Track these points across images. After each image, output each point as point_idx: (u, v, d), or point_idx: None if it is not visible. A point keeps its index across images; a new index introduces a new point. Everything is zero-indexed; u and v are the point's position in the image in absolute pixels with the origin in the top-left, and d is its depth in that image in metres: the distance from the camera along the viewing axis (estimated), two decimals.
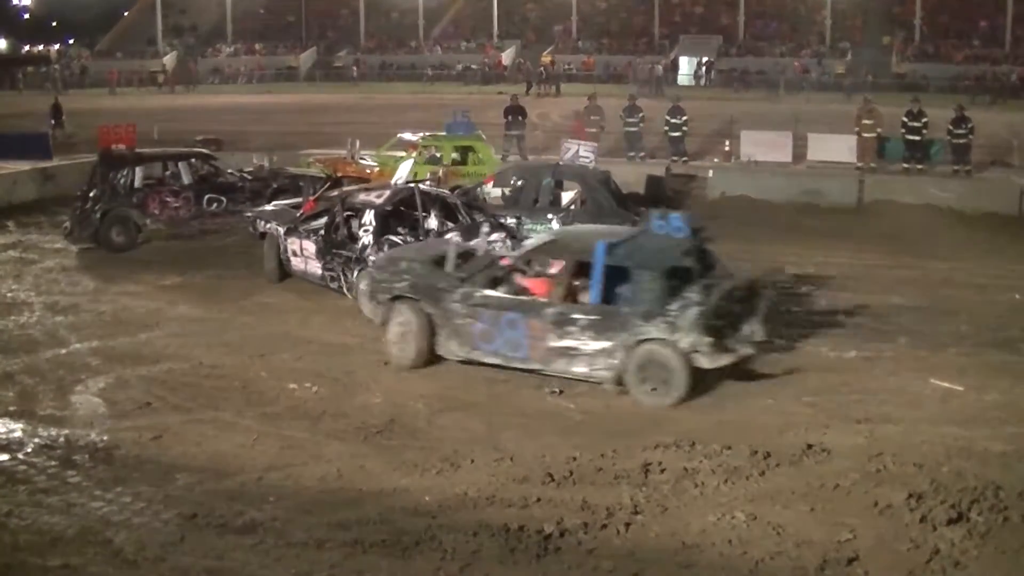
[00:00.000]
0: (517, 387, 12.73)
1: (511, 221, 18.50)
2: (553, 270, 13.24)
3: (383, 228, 16.12)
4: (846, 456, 10.34)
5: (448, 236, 14.86)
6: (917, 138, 27.18)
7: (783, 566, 8.42)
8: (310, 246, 16.65)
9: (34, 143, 29.88)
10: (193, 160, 21.94)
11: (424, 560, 8.53)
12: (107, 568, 8.51)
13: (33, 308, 16.43)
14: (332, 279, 16.30)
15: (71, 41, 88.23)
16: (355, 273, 15.67)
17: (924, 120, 27.14)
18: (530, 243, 14.45)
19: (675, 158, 28.65)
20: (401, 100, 51.73)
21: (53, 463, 10.57)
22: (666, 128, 29.22)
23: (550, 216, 18.87)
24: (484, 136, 26.12)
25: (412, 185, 17.01)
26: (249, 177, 22.13)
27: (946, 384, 12.56)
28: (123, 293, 17.23)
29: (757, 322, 12.48)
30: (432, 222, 16.73)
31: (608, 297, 12.36)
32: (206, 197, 21.06)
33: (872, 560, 8.47)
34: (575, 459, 10.43)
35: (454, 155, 24.58)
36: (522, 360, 12.66)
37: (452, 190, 19.65)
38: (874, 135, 27.88)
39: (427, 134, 25.74)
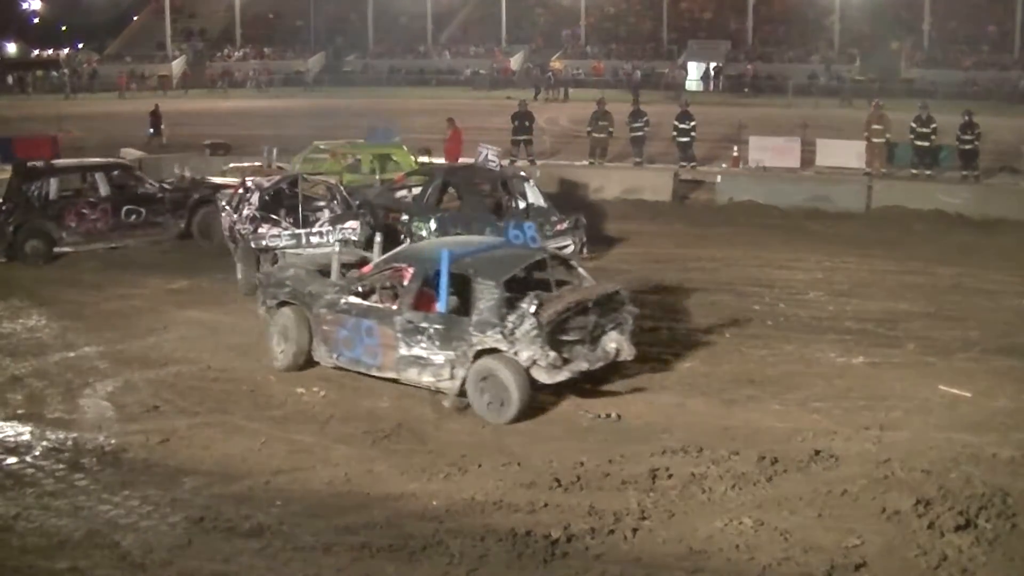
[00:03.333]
0: None
1: (404, 219, 19.05)
2: (405, 279, 12.90)
3: (263, 207, 17.88)
4: (854, 462, 10.33)
5: (335, 246, 15.35)
6: (926, 144, 27.16)
7: (790, 572, 8.41)
8: (226, 221, 18.42)
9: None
10: (112, 171, 21.40)
11: (431, 564, 8.53)
12: (114, 571, 8.53)
13: (41, 312, 16.45)
14: (234, 251, 17.90)
15: (80, 45, 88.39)
16: (238, 246, 17.62)
17: (933, 126, 27.10)
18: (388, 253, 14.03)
19: (683, 163, 28.65)
20: (408, 105, 51.79)
21: (61, 466, 10.59)
22: (674, 133, 29.23)
23: (430, 216, 18.97)
24: (403, 144, 25.79)
25: (297, 173, 19.35)
26: (169, 188, 21.57)
27: (954, 390, 12.53)
28: (131, 296, 17.27)
29: (623, 339, 12.32)
30: (326, 211, 18.42)
31: (465, 309, 12.15)
32: (124, 209, 20.58)
33: (880, 566, 8.45)
34: (582, 464, 10.42)
35: (373, 162, 24.07)
36: (378, 368, 12.64)
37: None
38: (883, 140, 27.88)
39: (345, 142, 25.66)
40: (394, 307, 12.52)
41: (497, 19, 76.15)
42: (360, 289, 13.08)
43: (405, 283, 12.71)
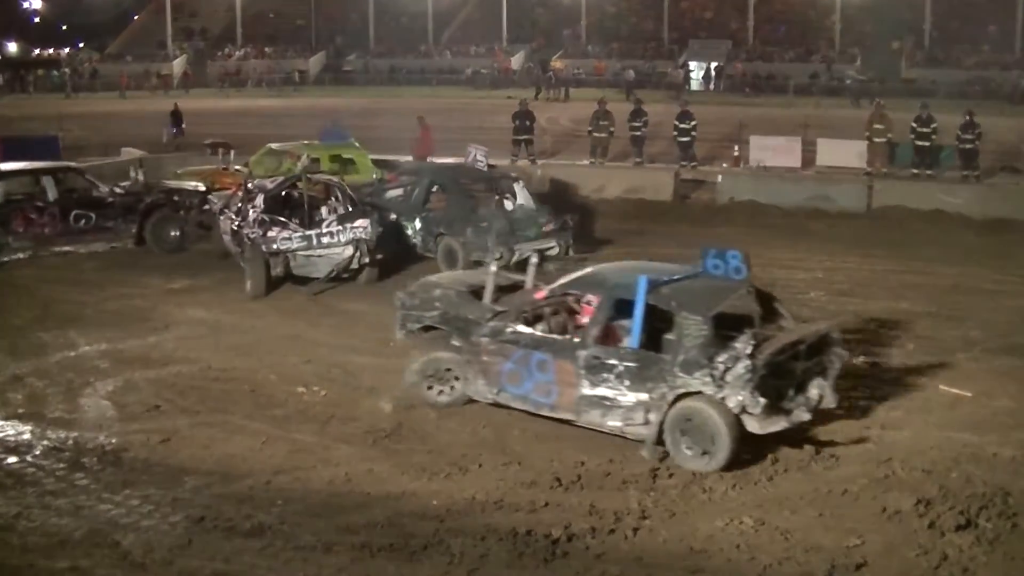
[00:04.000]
0: None
1: (392, 217, 19.26)
2: (589, 307, 11.69)
3: (270, 210, 17.60)
4: (854, 462, 10.35)
5: (490, 266, 13.20)
6: (926, 143, 27.15)
7: (791, 571, 8.41)
8: (227, 225, 18.27)
9: (44, 146, 29.87)
10: (61, 175, 20.93)
11: (432, 564, 8.53)
12: (115, 571, 8.52)
13: (42, 310, 16.46)
14: (239, 254, 17.81)
15: (81, 44, 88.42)
16: (244, 248, 17.42)
17: (933, 125, 27.09)
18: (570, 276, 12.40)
19: (684, 163, 28.65)
20: (409, 105, 51.79)
21: (62, 465, 10.59)
22: (675, 133, 29.22)
23: (415, 216, 19.31)
24: (357, 144, 25.71)
25: (300, 173, 18.76)
26: (121, 192, 21.05)
27: (955, 390, 12.54)
28: (131, 296, 17.26)
29: (826, 385, 10.93)
30: (324, 209, 18.23)
31: (656, 344, 10.89)
32: (73, 213, 20.13)
33: (880, 566, 8.46)
34: (583, 464, 10.44)
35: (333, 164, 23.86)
36: (551, 408, 11.31)
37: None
38: (885, 140, 27.89)
39: (303, 143, 25.30)
40: (576, 339, 11.20)
41: (498, 18, 76.10)
42: (528, 316, 11.81)
43: (589, 312, 11.47)
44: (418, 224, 19.05)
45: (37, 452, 10.94)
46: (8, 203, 19.94)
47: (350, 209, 17.88)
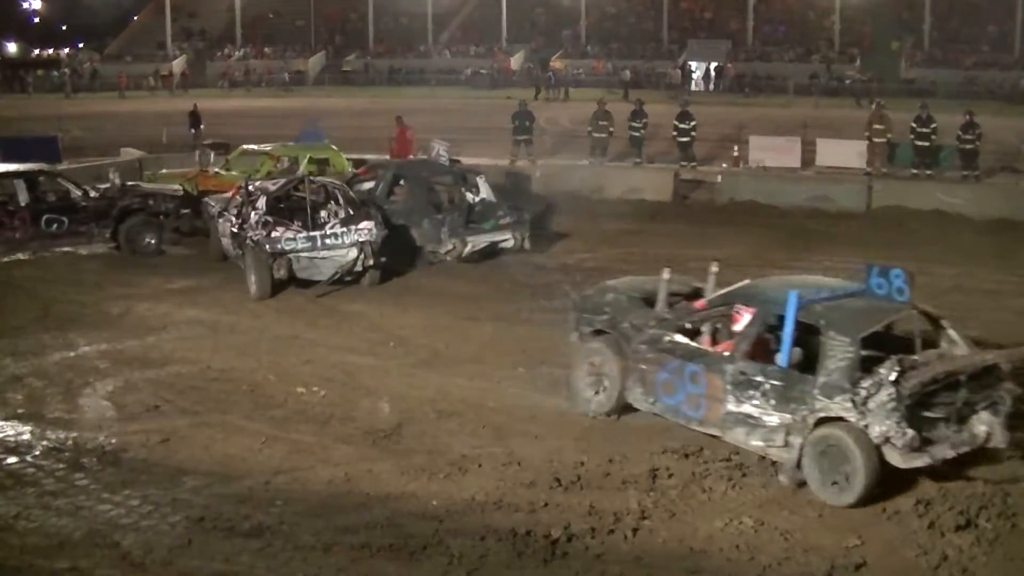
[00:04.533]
0: (525, 393, 12.74)
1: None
2: (740, 321, 11.11)
3: (272, 212, 17.56)
4: None
5: (663, 272, 12.45)
6: (926, 144, 27.13)
7: (791, 572, 8.42)
8: (227, 227, 18.28)
9: (43, 146, 29.84)
10: (33, 179, 20.48)
11: (431, 564, 8.53)
12: (115, 571, 8.53)
13: (42, 310, 16.46)
14: (239, 257, 17.83)
15: (80, 45, 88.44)
16: (247, 250, 17.29)
17: (933, 126, 27.06)
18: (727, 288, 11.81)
19: (684, 163, 28.63)
20: (409, 105, 51.84)
21: (61, 466, 10.59)
22: (675, 133, 29.20)
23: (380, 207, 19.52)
24: (334, 146, 25.89)
25: (302, 175, 19.00)
26: (96, 195, 20.60)
27: None
28: (131, 296, 17.24)
29: (996, 421, 9.99)
30: (324, 212, 18.15)
31: (809, 363, 10.24)
32: (44, 218, 19.80)
33: (880, 566, 8.47)
34: (583, 464, 10.43)
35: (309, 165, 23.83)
36: (699, 422, 10.86)
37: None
38: (884, 140, 27.88)
39: (279, 144, 25.46)
40: (726, 353, 10.77)
41: (497, 19, 76.13)
42: (687, 326, 11.45)
43: (741, 326, 10.96)
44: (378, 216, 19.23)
45: (37, 452, 10.94)
46: None
47: (352, 211, 17.81)
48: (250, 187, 18.38)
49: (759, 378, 10.28)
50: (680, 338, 11.22)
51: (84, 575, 8.49)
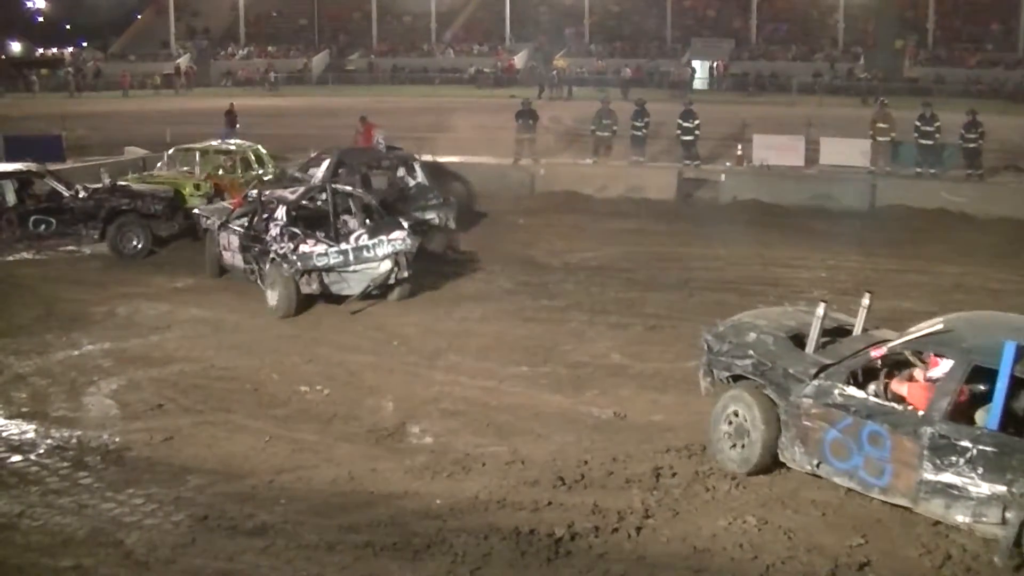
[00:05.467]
0: (529, 391, 12.74)
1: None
2: (935, 371, 9.60)
3: (292, 222, 16.75)
4: None
5: (818, 307, 10.45)
6: (929, 142, 27.11)
7: (794, 571, 8.41)
8: (235, 240, 17.40)
9: (47, 145, 29.89)
10: (20, 179, 20.26)
11: (435, 563, 8.53)
12: (118, 569, 8.53)
13: (45, 309, 16.47)
14: (251, 272, 17.04)
15: (84, 44, 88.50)
16: (267, 265, 16.38)
17: (936, 124, 27.06)
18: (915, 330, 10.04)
19: (687, 162, 28.62)
20: (412, 104, 51.84)
21: (65, 464, 10.60)
22: (678, 132, 29.19)
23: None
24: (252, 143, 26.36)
25: (323, 183, 18.27)
26: (84, 196, 20.20)
27: None
28: (134, 295, 17.25)
29: None
30: (351, 221, 17.23)
31: (1018, 423, 8.89)
32: (32, 219, 19.63)
33: (883, 566, 8.46)
34: (586, 463, 10.43)
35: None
36: (883, 491, 9.28)
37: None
38: (888, 139, 27.87)
39: (210, 143, 25.91)
40: (920, 412, 9.15)
41: (501, 17, 76.15)
42: (860, 376, 9.89)
43: (936, 377, 9.44)
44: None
45: (40, 451, 10.95)
46: None
47: (371, 219, 17.03)
48: (264, 195, 17.67)
49: (965, 443, 8.73)
50: (856, 392, 9.63)
51: (88, 573, 8.50)
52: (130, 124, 42.65)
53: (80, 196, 20.17)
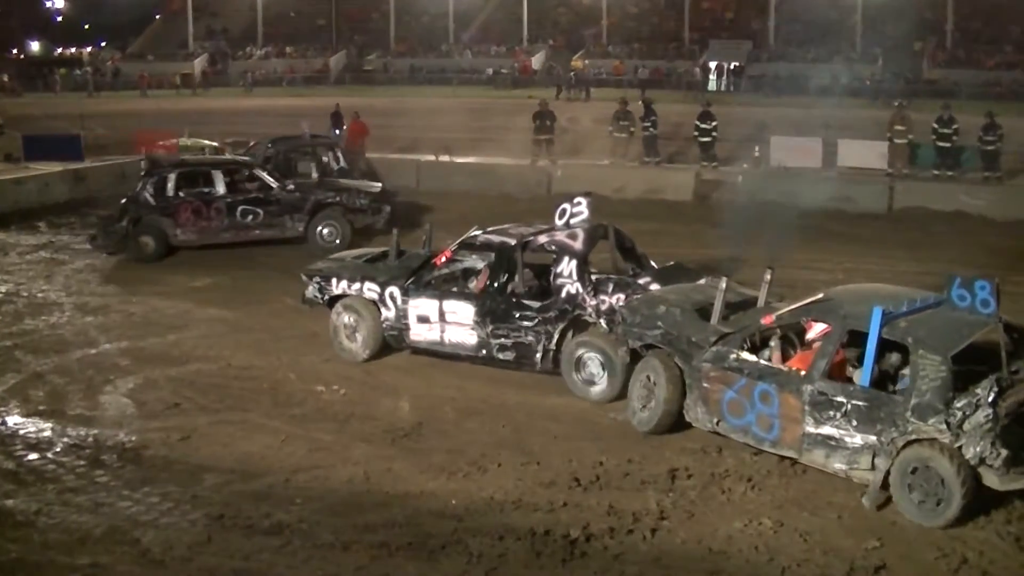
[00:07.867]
0: (545, 392, 12.71)
1: None
2: (811, 333, 10.88)
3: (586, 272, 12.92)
4: None
5: (718, 279, 11.71)
6: (948, 145, 27.04)
7: (810, 573, 8.40)
8: (462, 307, 13.16)
9: (66, 145, 30.00)
10: (232, 169, 21.05)
11: (450, 563, 8.55)
12: (134, 567, 8.57)
13: (63, 308, 16.56)
14: (501, 348, 12.95)
15: (103, 44, 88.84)
16: (556, 334, 12.61)
17: (955, 127, 26.99)
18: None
19: (705, 163, 28.58)
20: (430, 104, 51.85)
21: (82, 462, 10.65)
22: (696, 133, 29.15)
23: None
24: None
25: (602, 224, 13.96)
26: (291, 188, 20.57)
27: None
28: (153, 294, 17.33)
29: None
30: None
31: (888, 380, 10.08)
32: (240, 209, 20.22)
33: (899, 568, 8.44)
34: (602, 464, 10.43)
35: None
36: (773, 444, 10.33)
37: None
38: (906, 141, 27.78)
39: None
40: (803, 372, 10.20)
41: (518, 18, 76.15)
42: (753, 342, 10.96)
43: (815, 342, 10.60)
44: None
45: (58, 449, 11.01)
46: (177, 196, 20.14)
47: (645, 263, 14.08)
48: (488, 239, 13.62)
49: (840, 398, 9.80)
50: (748, 356, 10.68)
51: (104, 571, 8.54)
52: (149, 124, 42.72)
53: (288, 189, 20.72)
